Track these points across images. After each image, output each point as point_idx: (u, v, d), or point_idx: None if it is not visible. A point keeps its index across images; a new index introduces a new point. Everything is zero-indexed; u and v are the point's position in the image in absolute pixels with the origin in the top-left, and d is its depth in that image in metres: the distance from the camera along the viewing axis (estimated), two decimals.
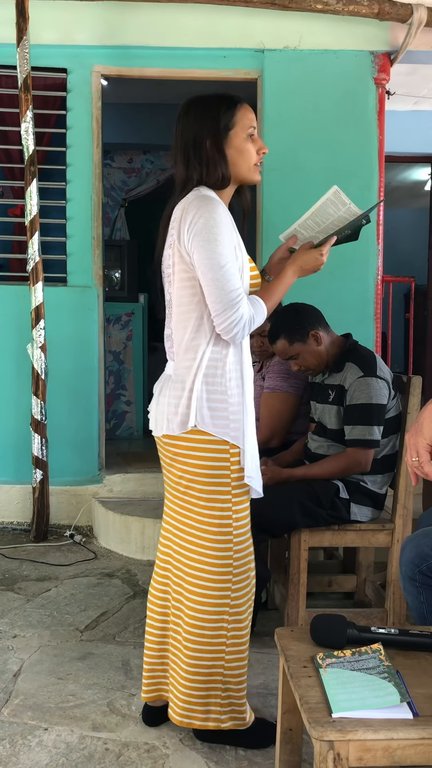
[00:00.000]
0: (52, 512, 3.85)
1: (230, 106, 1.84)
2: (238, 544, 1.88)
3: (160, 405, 1.91)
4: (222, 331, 1.78)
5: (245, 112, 1.86)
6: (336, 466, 2.45)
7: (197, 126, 1.83)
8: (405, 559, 1.71)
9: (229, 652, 1.91)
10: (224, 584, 1.87)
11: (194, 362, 1.83)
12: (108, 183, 5.84)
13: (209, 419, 1.81)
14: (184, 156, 1.86)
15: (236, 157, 1.85)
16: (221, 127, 1.82)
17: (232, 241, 1.79)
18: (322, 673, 1.41)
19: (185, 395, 1.83)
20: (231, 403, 1.83)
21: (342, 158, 3.88)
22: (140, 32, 3.79)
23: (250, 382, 1.90)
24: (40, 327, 3.67)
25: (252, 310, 1.80)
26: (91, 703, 2.18)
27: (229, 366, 1.84)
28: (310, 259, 1.93)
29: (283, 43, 3.84)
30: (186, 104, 1.88)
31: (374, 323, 3.93)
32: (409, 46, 3.70)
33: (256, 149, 1.88)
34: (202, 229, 1.75)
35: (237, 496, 1.87)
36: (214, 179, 1.84)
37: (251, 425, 1.87)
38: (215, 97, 1.86)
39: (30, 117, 3.61)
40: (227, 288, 1.75)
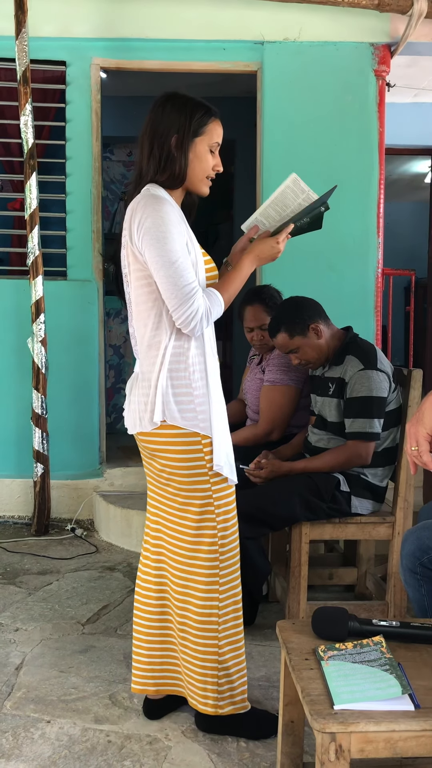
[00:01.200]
0: (53, 506, 3.86)
1: (206, 114, 1.89)
2: (223, 530, 1.92)
3: (131, 404, 1.95)
4: (181, 326, 1.81)
5: (216, 126, 1.91)
6: (336, 459, 2.46)
7: (169, 120, 1.86)
8: (406, 552, 1.71)
9: (222, 637, 1.93)
10: (211, 570, 1.91)
11: (157, 358, 1.87)
12: (107, 176, 5.82)
13: (177, 413, 1.85)
14: (149, 144, 1.88)
15: (194, 163, 1.89)
16: (191, 129, 1.86)
17: (182, 236, 1.82)
18: (323, 665, 1.42)
19: (152, 392, 1.86)
20: (196, 395, 1.86)
21: (342, 151, 3.87)
22: (139, 24, 3.77)
23: (214, 372, 1.92)
24: (41, 321, 3.67)
25: (208, 303, 1.83)
26: (93, 695, 2.19)
27: (192, 359, 1.87)
28: (266, 247, 1.95)
29: (282, 35, 3.82)
30: (165, 96, 1.91)
31: (374, 316, 3.93)
32: (409, 37, 3.68)
33: (213, 164, 1.93)
34: (151, 227, 1.78)
35: (216, 484, 1.91)
36: (168, 176, 1.87)
37: (219, 415, 1.90)
38: (194, 101, 1.90)
39: (29, 110, 3.60)
40: (180, 283, 1.78)
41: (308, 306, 2.58)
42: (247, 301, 3.02)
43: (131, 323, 1.97)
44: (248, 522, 2.42)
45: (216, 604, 1.92)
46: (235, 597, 1.96)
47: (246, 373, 3.25)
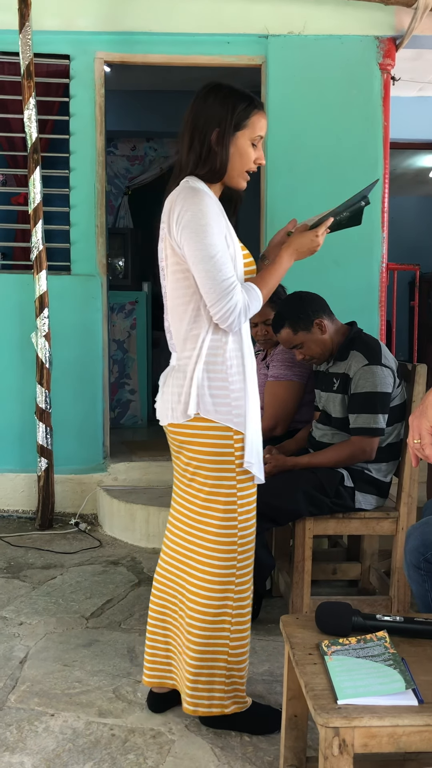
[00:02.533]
0: (57, 500, 3.87)
1: (249, 106, 1.83)
2: (243, 530, 1.90)
3: (164, 395, 1.93)
4: (218, 321, 1.79)
5: (260, 118, 1.85)
6: (340, 454, 2.46)
7: (212, 112, 1.82)
8: (410, 548, 1.71)
9: (234, 638, 1.92)
10: (228, 570, 1.89)
11: (194, 351, 1.84)
12: (111, 171, 5.81)
13: (211, 406, 1.83)
14: (189, 137, 1.85)
15: (235, 157, 1.85)
16: (233, 122, 1.81)
17: (221, 230, 1.79)
18: (327, 660, 1.42)
19: (186, 383, 1.84)
20: (233, 389, 1.84)
21: (347, 144, 3.86)
22: (143, 18, 3.76)
23: (251, 368, 1.90)
24: (44, 316, 3.67)
25: (246, 298, 1.80)
26: (97, 689, 2.19)
27: (229, 353, 1.85)
28: (306, 241, 1.92)
29: (287, 28, 3.81)
30: (208, 87, 1.86)
31: (379, 311, 3.92)
32: (414, 30, 3.66)
33: (255, 158, 1.88)
34: (190, 221, 1.75)
35: (242, 482, 1.89)
36: (208, 169, 1.84)
37: (254, 411, 1.88)
38: (238, 92, 1.84)
39: (33, 104, 3.59)
40: (219, 277, 1.75)
41: (312, 301, 2.58)
42: None
43: (166, 317, 1.93)
44: None
45: (230, 604, 1.90)
46: (248, 599, 1.94)
47: None
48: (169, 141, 5.78)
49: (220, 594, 1.89)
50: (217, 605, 1.90)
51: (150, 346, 5.50)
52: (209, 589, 1.90)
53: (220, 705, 1.94)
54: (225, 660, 1.92)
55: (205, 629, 1.90)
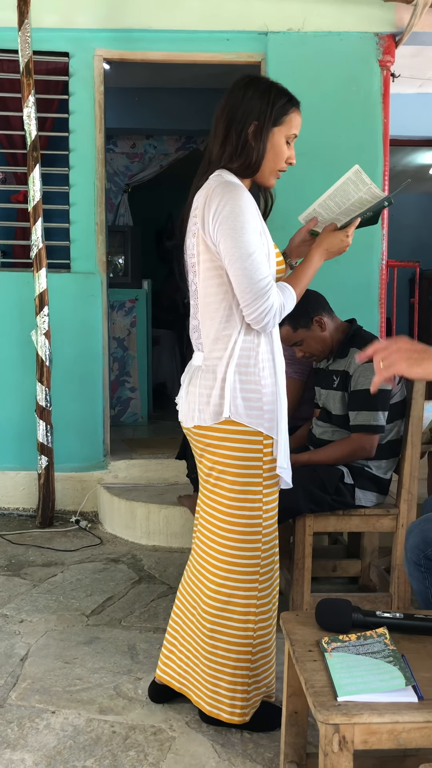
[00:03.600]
0: (58, 498, 3.87)
1: (288, 102, 1.82)
2: (267, 535, 1.87)
3: (189, 395, 1.87)
4: (252, 321, 1.74)
5: (296, 116, 1.84)
6: (341, 451, 2.46)
7: (250, 105, 1.78)
8: (410, 545, 1.71)
9: (257, 645, 1.90)
10: (252, 576, 1.86)
11: (225, 352, 1.79)
12: (111, 168, 5.80)
13: (243, 410, 1.78)
14: (225, 129, 1.80)
15: (270, 153, 1.81)
16: (272, 117, 1.78)
17: (257, 227, 1.75)
18: (327, 657, 1.42)
19: (218, 385, 1.79)
20: (265, 393, 1.80)
21: (346, 141, 3.85)
22: (142, 15, 3.75)
23: (282, 370, 1.87)
24: (44, 314, 3.67)
25: (282, 298, 1.77)
26: (97, 686, 2.20)
27: (261, 355, 1.81)
28: (336, 241, 1.90)
29: (286, 25, 3.80)
30: (247, 79, 1.83)
31: (379, 308, 3.92)
32: (414, 27, 3.65)
33: (288, 156, 1.85)
34: (228, 216, 1.70)
35: (268, 487, 1.86)
36: (242, 163, 1.80)
37: (284, 415, 1.84)
38: (278, 87, 1.82)
39: (32, 102, 3.59)
40: (256, 277, 1.71)
41: (312, 299, 2.58)
42: None
43: (195, 315, 1.88)
44: None
45: (253, 611, 1.88)
46: (272, 604, 1.92)
47: None
48: (168, 138, 5.76)
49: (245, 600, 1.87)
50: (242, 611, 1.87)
51: (150, 344, 5.50)
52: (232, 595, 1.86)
53: (242, 714, 1.92)
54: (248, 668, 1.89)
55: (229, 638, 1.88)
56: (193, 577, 1.98)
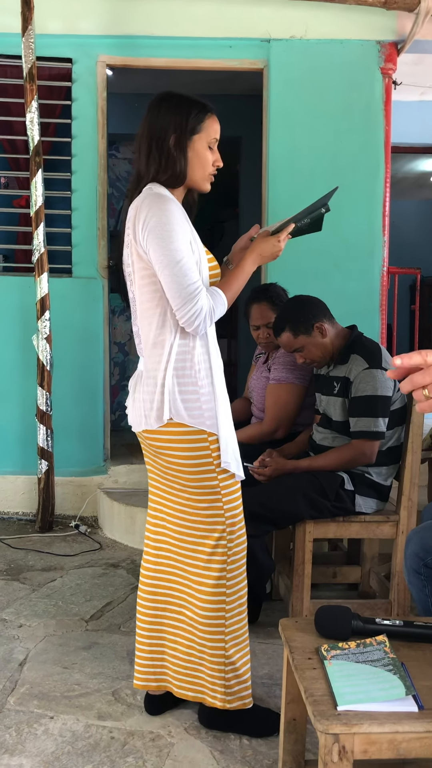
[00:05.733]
0: (58, 503, 3.87)
1: (201, 111, 1.90)
2: (231, 525, 1.93)
3: (135, 401, 1.95)
4: (185, 324, 1.82)
5: (213, 122, 1.92)
6: (341, 457, 2.46)
7: (166, 120, 1.87)
8: (410, 552, 1.71)
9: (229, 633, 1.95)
10: (221, 565, 1.93)
11: (162, 357, 1.87)
12: (113, 174, 5.81)
13: (183, 411, 1.86)
14: (147, 146, 1.89)
15: (194, 161, 1.90)
16: (188, 127, 1.87)
17: (186, 235, 1.83)
18: (326, 665, 1.42)
19: (158, 390, 1.87)
20: (202, 393, 1.88)
21: (348, 148, 3.86)
22: (145, 22, 3.77)
23: (218, 370, 1.93)
24: (46, 318, 3.68)
25: (212, 302, 1.84)
26: (96, 692, 2.19)
27: (197, 357, 1.88)
28: (268, 246, 1.96)
29: (289, 32, 3.81)
30: (159, 96, 1.92)
31: (380, 315, 3.93)
32: (416, 35, 3.67)
33: (213, 160, 1.93)
34: (156, 226, 1.79)
35: (224, 481, 1.92)
36: (169, 175, 1.88)
37: (224, 412, 1.92)
38: (189, 99, 1.91)
39: (35, 107, 3.60)
40: (185, 282, 1.79)
41: (313, 305, 2.58)
42: (253, 299, 3.02)
43: (135, 322, 1.97)
44: (252, 520, 2.42)
45: (224, 599, 1.94)
46: (242, 591, 1.97)
47: (252, 372, 3.25)
48: None
49: (214, 589, 1.93)
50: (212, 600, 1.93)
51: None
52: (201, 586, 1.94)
53: (223, 700, 1.96)
54: (223, 656, 1.95)
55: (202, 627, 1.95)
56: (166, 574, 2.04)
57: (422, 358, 1.10)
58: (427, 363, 1.10)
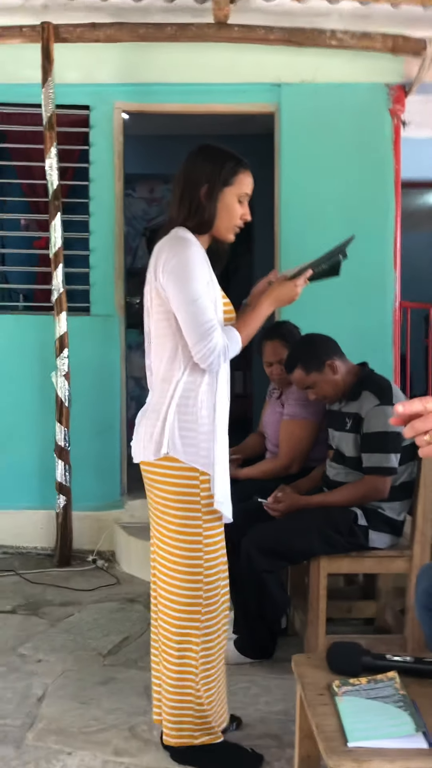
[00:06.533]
0: (75, 537, 3.91)
1: (236, 165, 1.97)
2: (209, 569, 1.96)
3: (138, 434, 2.01)
4: (199, 361, 1.88)
5: (246, 176, 1.99)
6: (354, 493, 2.49)
7: (201, 169, 1.95)
8: (420, 589, 1.74)
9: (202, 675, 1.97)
10: (194, 607, 1.95)
11: (169, 392, 1.94)
12: (130, 212, 5.96)
13: (180, 446, 1.91)
14: (181, 192, 1.97)
15: (222, 212, 1.96)
16: (221, 179, 1.94)
17: (205, 277, 1.91)
18: (338, 701, 1.44)
19: (159, 423, 1.93)
20: (201, 431, 1.92)
21: (359, 187, 3.95)
22: (160, 70, 3.91)
23: (222, 411, 1.98)
24: (64, 356, 3.76)
25: (226, 340, 1.90)
26: (113, 727, 2.21)
27: (201, 396, 1.94)
28: (285, 290, 2.02)
29: (299, 77, 3.93)
30: (200, 147, 2.01)
31: (392, 349, 3.97)
32: (423, 78, 3.77)
33: (242, 213, 1.99)
34: (176, 267, 1.87)
35: (208, 522, 1.95)
36: (196, 222, 1.95)
37: (221, 452, 1.95)
38: (227, 152, 1.98)
39: (54, 153, 3.73)
40: (201, 320, 1.86)
41: (323, 343, 2.64)
42: (266, 337, 3.08)
43: (148, 356, 2.04)
44: (267, 555, 2.46)
45: (194, 641, 1.96)
46: (215, 634, 1.99)
47: (266, 407, 3.30)
48: None
49: (185, 629, 1.95)
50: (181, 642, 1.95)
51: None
52: (175, 625, 1.96)
53: (190, 736, 1.98)
54: (193, 695, 1.96)
55: (174, 664, 1.97)
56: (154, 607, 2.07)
57: (422, 405, 1.15)
58: (427, 410, 1.15)
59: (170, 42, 3.77)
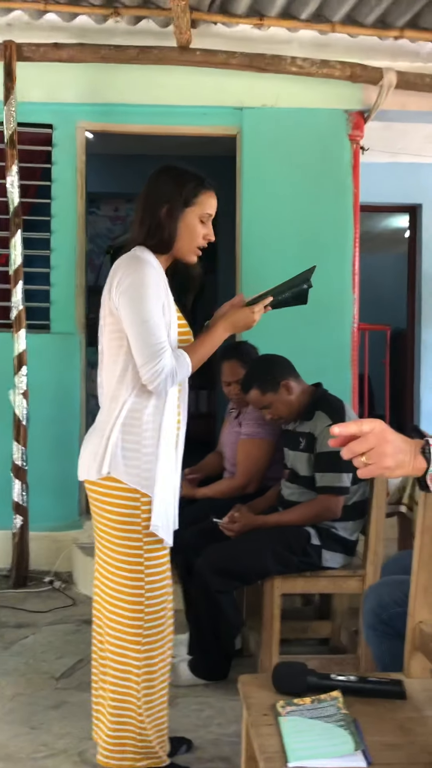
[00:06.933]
0: (32, 558, 3.85)
1: (198, 185, 1.96)
2: (152, 591, 1.94)
3: (84, 452, 2.00)
4: (146, 382, 1.87)
5: (209, 197, 1.98)
6: (307, 512, 2.51)
7: (162, 190, 1.95)
8: (367, 609, 1.75)
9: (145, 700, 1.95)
10: (136, 630, 1.93)
11: (115, 411, 1.92)
12: (94, 230, 5.98)
13: (122, 467, 1.89)
14: (142, 211, 1.97)
15: (183, 232, 1.96)
16: (182, 199, 1.94)
17: (159, 298, 1.89)
18: (281, 721, 1.44)
19: (103, 442, 1.91)
20: (144, 453, 1.91)
21: (318, 210, 4.01)
22: (123, 91, 3.94)
23: (168, 433, 1.94)
24: (23, 373, 3.73)
25: (174, 363, 1.88)
26: (62, 752, 2.18)
27: (147, 417, 1.92)
28: (242, 316, 2.01)
29: (260, 101, 4.00)
30: (162, 167, 2.00)
31: (351, 370, 4.02)
32: (381, 106, 3.86)
33: (204, 234, 1.98)
34: (129, 287, 1.87)
35: (149, 544, 1.93)
36: (156, 242, 1.95)
37: (164, 475, 1.93)
38: (189, 173, 1.98)
39: (15, 171, 3.73)
40: (150, 341, 1.85)
41: (279, 363, 2.67)
42: (224, 357, 3.10)
43: (100, 373, 2.02)
44: (221, 575, 2.46)
45: (136, 664, 1.93)
46: (157, 658, 1.96)
47: (225, 427, 3.31)
48: None
49: (125, 652, 1.93)
50: (123, 664, 1.94)
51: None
52: (116, 645, 1.95)
53: (132, 760, 1.95)
54: (134, 718, 1.94)
55: (115, 685, 1.95)
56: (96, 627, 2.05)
57: (358, 428, 1.18)
58: (362, 432, 1.18)
59: (133, 64, 3.81)
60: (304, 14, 3.60)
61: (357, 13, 3.62)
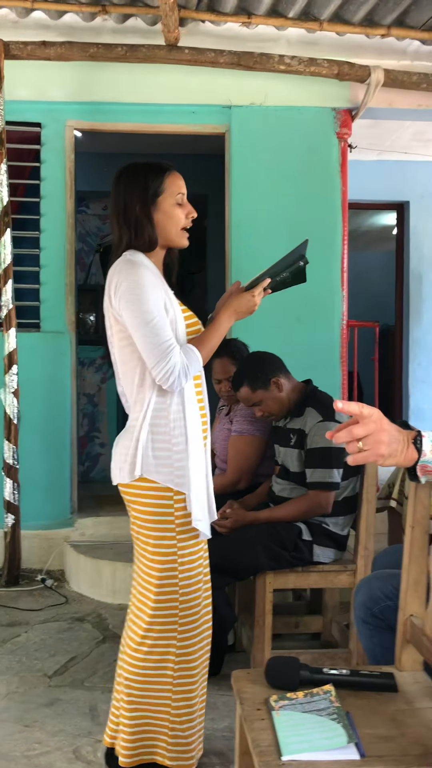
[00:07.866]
0: (24, 556, 3.86)
1: (158, 173, 1.96)
2: (186, 587, 1.94)
3: (115, 455, 2.01)
4: (160, 382, 1.87)
5: (174, 179, 1.97)
6: (298, 508, 2.52)
7: (126, 192, 1.94)
8: (358, 603, 1.77)
9: (176, 697, 1.95)
10: (170, 626, 1.93)
11: (141, 414, 1.93)
12: (83, 229, 5.96)
13: (154, 467, 1.90)
14: (117, 220, 1.97)
15: (164, 222, 1.96)
16: (149, 193, 1.94)
17: (159, 298, 1.89)
18: (274, 715, 1.45)
19: (133, 445, 1.92)
20: (175, 450, 1.91)
21: (307, 208, 4.03)
22: (112, 89, 3.94)
23: (195, 427, 1.96)
24: (13, 372, 3.73)
25: (185, 359, 1.89)
26: (56, 750, 2.19)
27: (172, 415, 1.92)
28: (243, 301, 2.01)
29: (249, 99, 4.01)
30: (118, 172, 2.00)
31: (340, 366, 4.04)
32: (368, 104, 3.88)
33: (185, 213, 1.99)
34: (126, 291, 1.87)
35: (183, 541, 1.94)
36: (142, 242, 1.95)
37: (197, 470, 1.94)
38: (144, 166, 1.97)
39: (4, 169, 3.72)
40: (156, 341, 1.85)
41: (269, 361, 2.68)
42: (215, 354, 3.09)
43: (119, 383, 2.02)
44: (213, 571, 2.45)
45: (171, 666, 1.94)
46: (196, 660, 1.97)
47: (215, 424, 3.32)
48: None
49: (160, 648, 1.93)
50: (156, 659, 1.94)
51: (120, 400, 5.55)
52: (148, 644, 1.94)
53: (162, 755, 1.96)
54: (168, 713, 1.94)
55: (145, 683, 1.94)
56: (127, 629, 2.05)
57: (359, 409, 1.21)
58: (362, 414, 1.21)
59: (121, 62, 3.80)
60: (291, 12, 3.61)
61: (344, 12, 3.63)
